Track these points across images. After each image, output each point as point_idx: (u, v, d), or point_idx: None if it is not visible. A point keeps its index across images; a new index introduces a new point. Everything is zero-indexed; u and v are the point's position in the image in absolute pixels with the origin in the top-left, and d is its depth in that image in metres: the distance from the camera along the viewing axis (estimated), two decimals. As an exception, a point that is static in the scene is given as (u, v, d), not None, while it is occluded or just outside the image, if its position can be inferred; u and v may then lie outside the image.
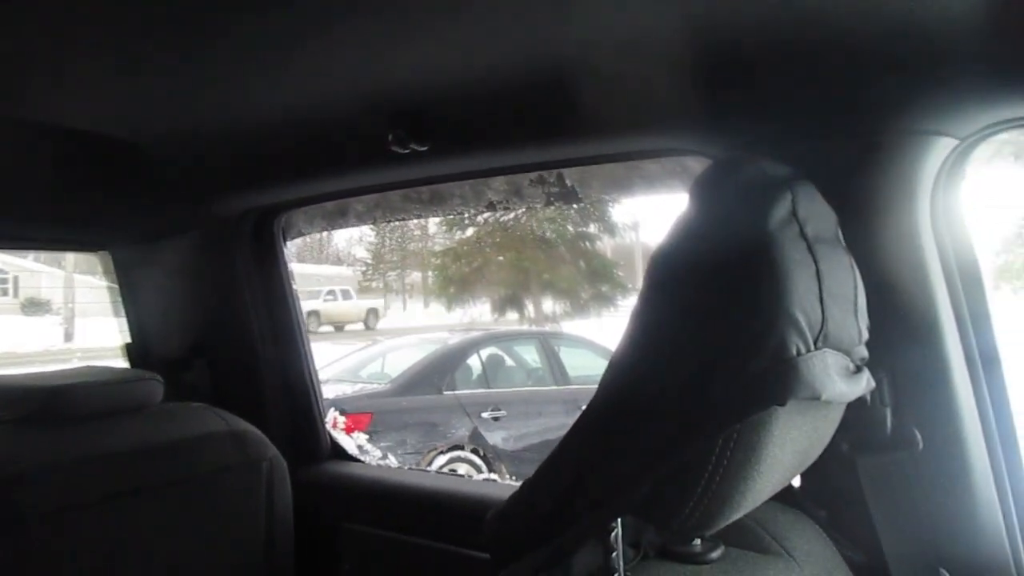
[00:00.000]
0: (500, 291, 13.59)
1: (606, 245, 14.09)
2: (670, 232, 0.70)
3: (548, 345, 6.89)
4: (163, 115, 1.31)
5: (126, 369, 1.69)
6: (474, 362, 6.39)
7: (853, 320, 0.71)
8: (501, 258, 13.24)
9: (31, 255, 20.13)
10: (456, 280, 13.62)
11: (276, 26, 0.96)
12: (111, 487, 1.28)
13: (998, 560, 0.94)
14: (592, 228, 13.08)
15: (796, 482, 1.00)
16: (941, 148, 0.92)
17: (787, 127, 0.98)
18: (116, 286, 1.83)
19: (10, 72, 1.09)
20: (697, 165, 1.15)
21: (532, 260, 12.90)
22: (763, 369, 0.61)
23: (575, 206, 11.19)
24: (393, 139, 1.19)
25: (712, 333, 0.64)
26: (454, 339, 6.71)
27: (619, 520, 0.67)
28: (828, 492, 0.99)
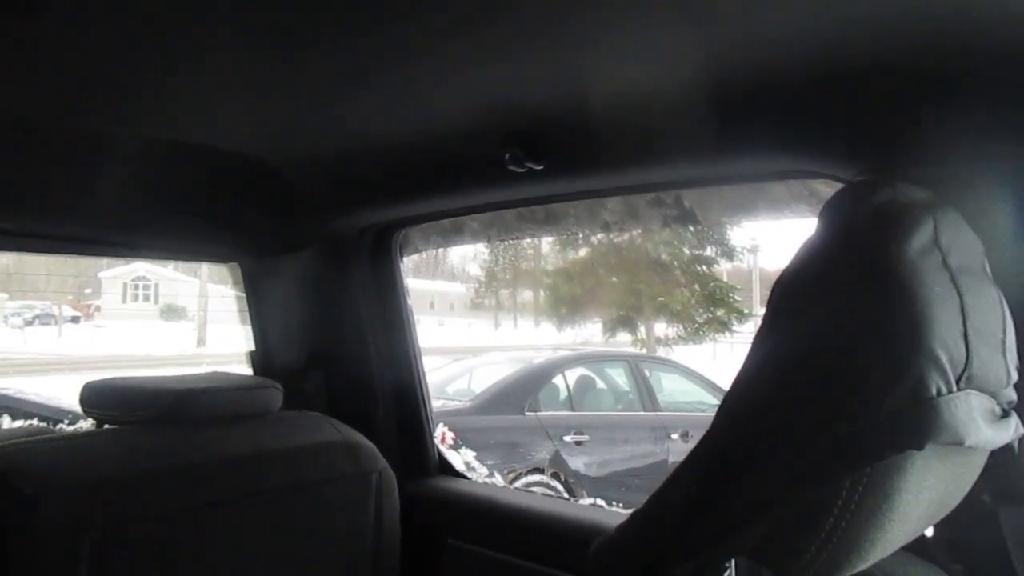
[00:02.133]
0: (612, 312, 13.49)
1: (723, 268, 13.75)
2: (796, 257, 0.66)
3: (638, 368, 6.63)
4: (291, 134, 1.37)
5: (249, 376, 1.76)
6: (561, 382, 6.21)
7: (1001, 359, 0.65)
8: (614, 279, 13.14)
9: (171, 265, 21.58)
10: (568, 300, 13.62)
11: (396, 46, 0.98)
12: (231, 490, 1.33)
13: None
14: (709, 251, 12.80)
15: (929, 532, 0.93)
16: None
17: (927, 150, 0.92)
18: (244, 296, 1.92)
19: (154, 94, 1.16)
20: (826, 188, 1.09)
21: (646, 282, 12.74)
22: (899, 409, 0.56)
23: (692, 229, 10.98)
24: (510, 158, 1.20)
25: (842, 367, 0.59)
26: (540, 358, 6.54)
27: (732, 561, 0.63)
28: (965, 545, 0.91)
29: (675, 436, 6.10)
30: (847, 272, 0.62)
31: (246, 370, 1.89)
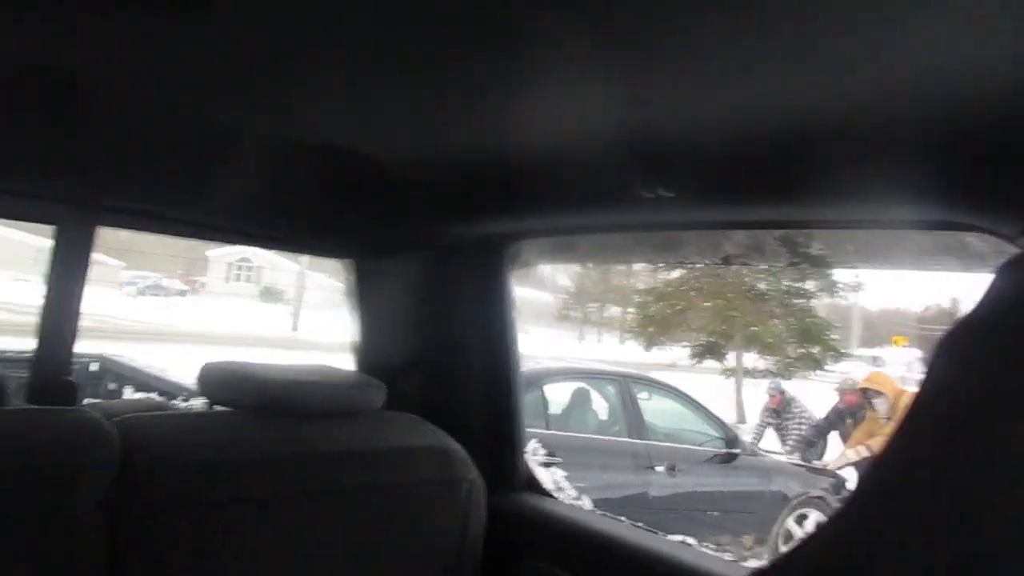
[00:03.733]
0: (701, 337, 13.22)
1: (821, 304, 13.29)
2: (969, 320, 0.61)
3: (627, 390, 6.10)
4: (415, 139, 1.39)
5: (355, 373, 1.79)
6: (541, 396, 5.70)
7: None
8: (707, 304, 12.87)
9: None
10: (657, 320, 13.42)
11: (535, 61, 0.97)
12: (328, 482, 1.36)
13: None
14: (809, 285, 12.38)
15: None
16: None
17: None
18: (352, 293, 1.96)
19: (285, 93, 1.20)
20: (979, 242, 1.02)
21: (740, 310, 12.43)
22: None
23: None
24: (642, 183, 1.17)
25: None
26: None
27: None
28: None
29: (660, 468, 5.74)
30: None
31: (339, 360, 1.93)
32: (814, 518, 5.98)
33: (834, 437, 7.57)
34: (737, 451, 6.01)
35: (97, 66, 1.13)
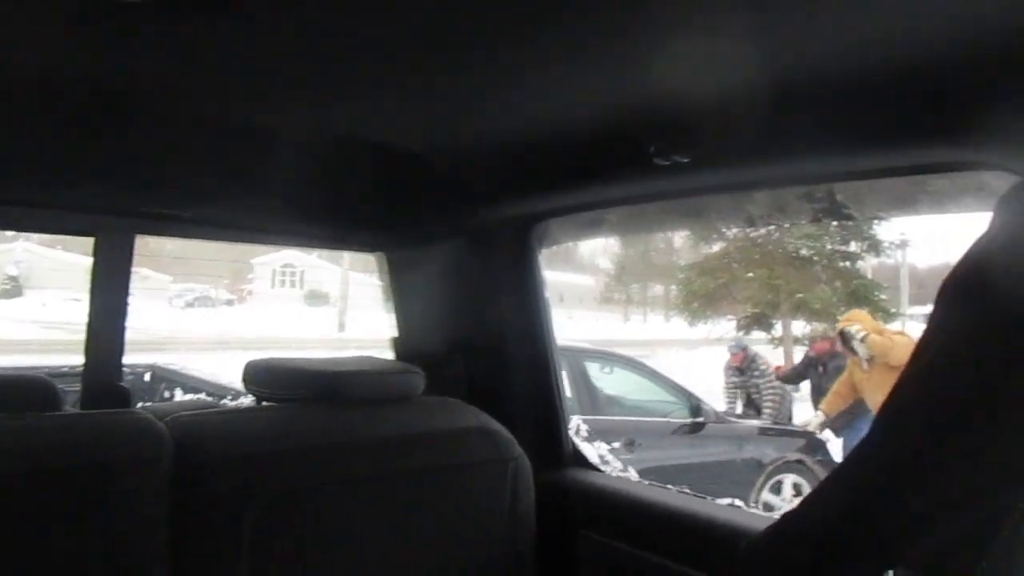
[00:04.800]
0: (747, 309, 13.05)
1: (868, 265, 13.01)
2: (969, 254, 0.62)
3: (577, 365, 5.71)
4: (439, 127, 1.42)
5: (394, 362, 1.83)
6: None
7: None
8: (750, 274, 12.69)
9: (315, 253, 22.74)
10: (701, 295, 13.27)
11: (546, 41, 1.00)
12: (376, 467, 1.40)
13: None
14: (853, 246, 12.12)
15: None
16: None
17: None
18: (387, 284, 2.00)
19: (307, 91, 1.23)
20: (997, 181, 1.01)
21: (784, 278, 12.22)
22: None
23: (843, 223, 10.41)
24: (656, 151, 1.19)
25: None
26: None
27: (891, 572, 0.60)
28: None
29: (616, 445, 5.32)
30: None
31: (385, 355, 1.97)
32: (790, 483, 5.68)
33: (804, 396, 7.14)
34: (701, 420, 5.66)
35: (127, 75, 1.17)
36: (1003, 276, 0.59)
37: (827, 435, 5.95)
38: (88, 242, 1.53)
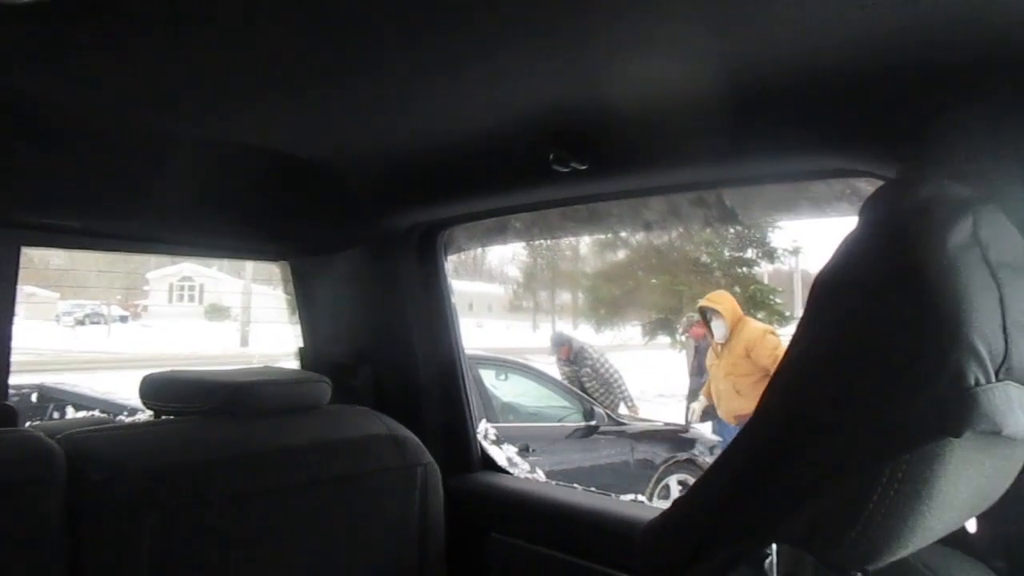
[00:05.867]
0: (651, 315, 13.40)
1: (764, 271, 13.57)
2: (837, 254, 0.68)
3: (472, 372, 5.67)
4: (342, 135, 1.41)
5: (299, 371, 1.81)
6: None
7: None
8: (654, 281, 13.06)
9: (215, 265, 21.99)
10: (606, 302, 13.57)
11: (446, 51, 1.02)
12: (283, 479, 1.38)
13: None
14: (750, 253, 12.65)
15: (973, 528, 0.93)
16: None
17: (968, 146, 0.93)
18: (292, 294, 1.98)
19: (207, 96, 1.21)
20: (868, 187, 1.10)
21: (686, 284, 12.63)
22: (938, 399, 0.58)
23: (733, 229, 10.81)
24: (555, 158, 1.22)
25: (881, 360, 0.61)
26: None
27: (774, 547, 0.65)
28: (1009, 541, 0.91)
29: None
30: (888, 268, 0.63)
31: (292, 367, 1.95)
32: (675, 484, 5.67)
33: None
34: (594, 423, 5.68)
35: (11, 80, 1.12)
36: (862, 274, 0.65)
37: (705, 427, 5.97)
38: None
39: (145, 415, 1.71)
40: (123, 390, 4.47)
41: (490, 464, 1.87)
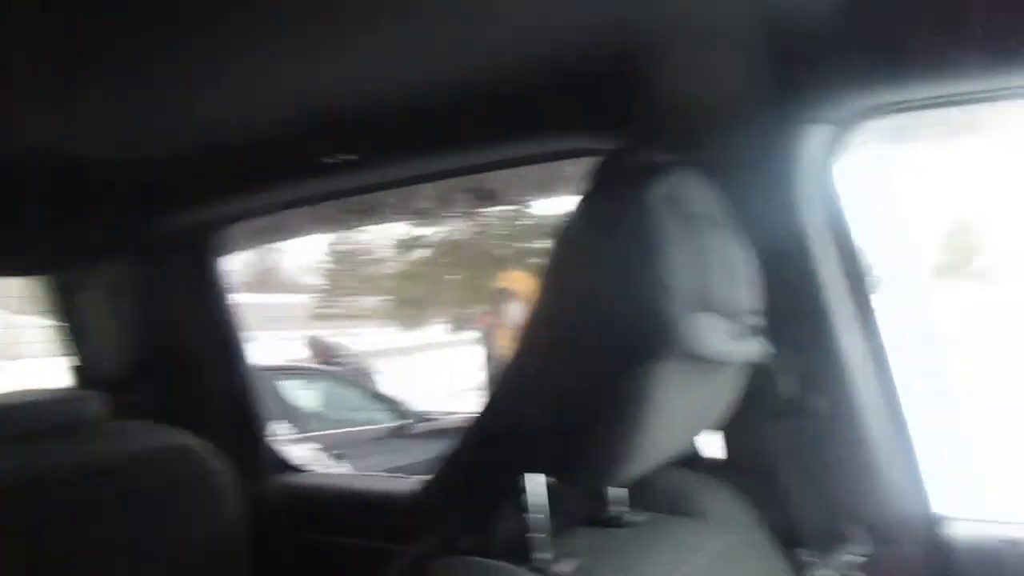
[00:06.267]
0: (457, 311, 13.57)
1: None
2: (569, 214, 0.78)
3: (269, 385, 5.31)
4: (102, 135, 1.33)
5: (66, 388, 1.70)
6: None
7: (738, 290, 0.79)
8: (458, 277, 13.25)
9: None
10: (411, 302, 13.58)
11: (206, 42, 1.01)
12: (59, 505, 1.29)
13: (905, 513, 1.02)
14: (544, 244, 13.17)
15: (721, 452, 1.08)
16: (820, 135, 1.01)
17: (674, 122, 1.07)
18: (57, 311, 1.83)
19: None
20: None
21: (488, 278, 12.91)
22: (640, 329, 0.69)
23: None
24: (323, 149, 1.25)
25: (598, 302, 0.71)
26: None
27: (525, 477, 0.73)
28: (748, 459, 1.06)
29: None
30: (602, 224, 0.74)
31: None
32: None
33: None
34: (409, 421, 5.65)
35: None
36: (581, 229, 0.75)
37: None
38: None
39: None
40: None
41: (286, 465, 1.86)
